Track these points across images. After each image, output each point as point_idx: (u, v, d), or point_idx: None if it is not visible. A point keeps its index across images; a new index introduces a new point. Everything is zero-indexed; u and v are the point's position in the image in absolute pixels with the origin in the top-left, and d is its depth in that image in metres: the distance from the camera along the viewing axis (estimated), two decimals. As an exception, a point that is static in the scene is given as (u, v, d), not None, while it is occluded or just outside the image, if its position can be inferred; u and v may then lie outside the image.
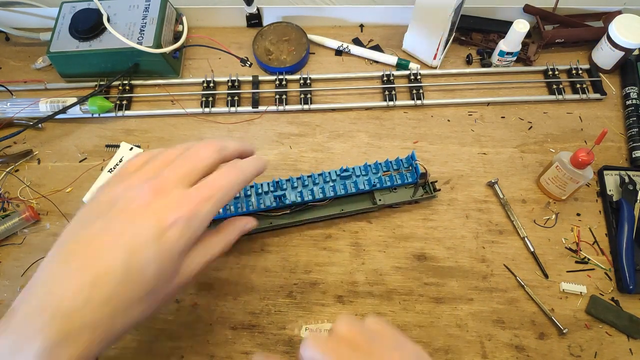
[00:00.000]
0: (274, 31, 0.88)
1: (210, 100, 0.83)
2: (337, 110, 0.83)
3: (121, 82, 0.84)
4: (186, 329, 0.66)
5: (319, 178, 0.71)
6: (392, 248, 0.71)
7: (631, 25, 0.79)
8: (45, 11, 0.89)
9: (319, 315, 0.67)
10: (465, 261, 0.70)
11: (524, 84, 0.86)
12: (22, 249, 0.71)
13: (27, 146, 0.80)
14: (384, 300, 0.68)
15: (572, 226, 0.73)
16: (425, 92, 0.84)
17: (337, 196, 0.70)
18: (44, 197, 0.75)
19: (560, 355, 0.64)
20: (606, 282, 0.69)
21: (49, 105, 0.79)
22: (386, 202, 0.71)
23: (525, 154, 0.78)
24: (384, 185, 0.70)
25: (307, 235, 0.72)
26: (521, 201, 0.75)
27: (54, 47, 0.80)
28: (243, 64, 0.86)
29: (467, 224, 0.73)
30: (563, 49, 0.89)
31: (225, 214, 0.68)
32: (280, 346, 0.65)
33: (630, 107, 0.81)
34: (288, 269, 0.70)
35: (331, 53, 0.90)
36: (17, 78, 0.87)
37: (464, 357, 0.64)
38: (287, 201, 0.69)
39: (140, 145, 0.79)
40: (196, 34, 0.90)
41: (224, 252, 0.53)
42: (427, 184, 0.72)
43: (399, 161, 0.72)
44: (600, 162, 0.77)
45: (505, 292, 0.68)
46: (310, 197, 0.69)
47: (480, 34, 0.89)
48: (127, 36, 0.78)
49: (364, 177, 0.71)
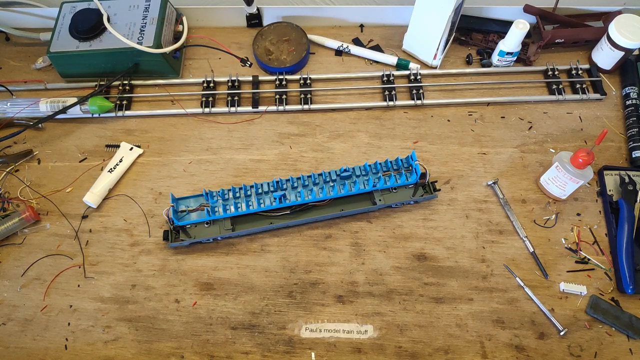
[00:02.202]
0: (274, 31, 0.88)
1: (211, 100, 0.83)
2: (337, 110, 0.83)
3: (121, 82, 0.84)
4: (186, 329, 0.66)
5: (319, 178, 0.71)
6: (392, 248, 0.71)
7: (631, 25, 0.79)
8: (45, 11, 0.89)
9: (319, 315, 0.67)
10: (465, 261, 0.70)
11: (524, 84, 0.86)
12: (22, 249, 0.71)
13: (27, 146, 0.80)
14: (384, 300, 0.68)
15: (572, 226, 0.73)
16: (425, 92, 0.84)
17: (337, 196, 0.70)
18: (44, 197, 0.75)
19: (560, 355, 0.64)
20: (606, 282, 0.69)
21: (49, 105, 0.79)
22: (386, 203, 0.71)
23: (525, 154, 0.78)
24: (384, 185, 0.70)
25: (307, 235, 0.72)
26: (521, 201, 0.75)
27: (54, 47, 0.80)
28: (243, 64, 0.86)
29: (467, 224, 0.73)
30: (563, 49, 0.89)
31: (225, 214, 0.68)
32: (280, 346, 0.65)
33: (630, 107, 0.81)
34: (288, 269, 0.70)
35: (331, 53, 0.90)
36: (17, 78, 0.87)
37: (464, 357, 0.64)
38: (287, 202, 0.69)
39: (140, 145, 0.79)
40: (196, 34, 0.90)
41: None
42: (427, 184, 0.72)
43: (399, 161, 0.72)
44: (600, 162, 0.77)
45: (505, 292, 0.68)
46: (310, 197, 0.69)
47: (480, 34, 0.89)
48: (127, 36, 0.79)
49: (364, 178, 0.71)
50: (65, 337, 0.66)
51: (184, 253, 0.71)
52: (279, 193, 0.69)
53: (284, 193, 0.69)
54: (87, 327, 0.66)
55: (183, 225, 0.69)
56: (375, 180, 0.71)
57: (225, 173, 0.77)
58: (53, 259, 0.70)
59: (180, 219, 0.68)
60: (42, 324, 0.67)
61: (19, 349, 0.65)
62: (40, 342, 0.66)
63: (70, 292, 0.69)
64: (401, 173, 0.71)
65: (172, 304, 0.68)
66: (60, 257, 0.71)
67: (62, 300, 0.68)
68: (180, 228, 0.69)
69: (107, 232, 0.73)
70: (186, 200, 0.71)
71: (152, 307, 0.67)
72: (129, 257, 0.71)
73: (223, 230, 0.69)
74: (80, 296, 0.68)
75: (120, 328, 0.66)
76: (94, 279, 0.69)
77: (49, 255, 0.71)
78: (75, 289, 0.69)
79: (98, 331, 0.66)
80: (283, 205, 0.69)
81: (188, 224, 0.69)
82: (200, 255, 0.71)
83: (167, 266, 0.70)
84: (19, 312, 0.67)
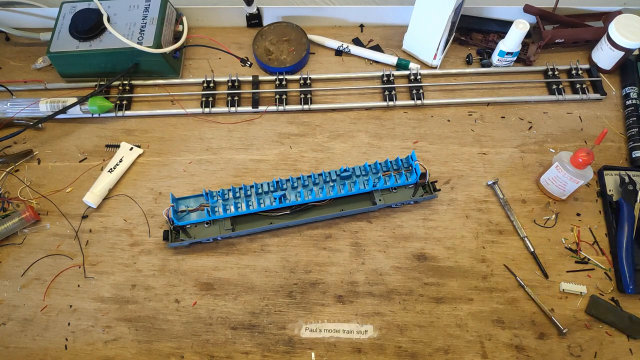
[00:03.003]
0: (274, 31, 0.88)
1: (210, 100, 0.83)
2: (337, 110, 0.83)
3: (121, 82, 0.84)
4: (186, 329, 0.66)
5: (319, 178, 0.71)
6: (392, 248, 0.71)
7: (631, 25, 0.79)
8: (45, 11, 0.89)
9: (319, 315, 0.67)
10: (465, 261, 0.70)
11: (524, 84, 0.86)
12: (22, 249, 0.71)
13: (27, 146, 0.80)
14: (384, 300, 0.68)
15: (572, 226, 0.73)
16: (425, 92, 0.84)
17: (337, 196, 0.70)
18: (44, 197, 0.75)
19: (560, 355, 0.64)
20: (606, 282, 0.69)
21: (49, 105, 0.79)
22: (386, 203, 0.71)
23: (525, 154, 0.78)
24: (384, 186, 0.70)
25: (307, 235, 0.72)
26: (521, 201, 0.75)
27: (54, 47, 0.80)
28: (243, 64, 0.86)
29: (467, 224, 0.73)
30: (563, 49, 0.89)
31: (225, 215, 0.68)
32: (280, 346, 0.65)
33: (630, 107, 0.81)
34: (288, 269, 0.70)
35: (331, 53, 0.90)
36: (17, 78, 0.87)
37: (464, 357, 0.64)
38: (287, 202, 0.69)
39: (140, 145, 0.79)
40: (196, 34, 0.90)
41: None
42: (427, 184, 0.72)
43: (399, 161, 0.72)
44: (600, 162, 0.77)
45: (505, 292, 0.68)
46: (310, 197, 0.69)
47: (480, 34, 0.89)
48: (127, 36, 0.78)
49: (364, 178, 0.71)
50: (65, 337, 0.66)
51: (184, 253, 0.71)
52: (279, 193, 0.69)
53: (284, 193, 0.69)
54: (87, 327, 0.66)
55: (183, 225, 0.69)
56: (375, 180, 0.71)
57: (225, 173, 0.77)
58: (53, 259, 0.70)
59: (180, 219, 0.68)
60: (42, 324, 0.67)
61: (19, 349, 0.65)
62: (40, 342, 0.66)
63: (70, 292, 0.69)
64: (401, 173, 0.71)
65: (172, 304, 0.68)
66: (60, 257, 0.71)
67: (62, 300, 0.68)
68: (180, 228, 0.69)
69: (107, 232, 0.73)
70: (186, 201, 0.71)
71: (152, 307, 0.67)
72: (129, 257, 0.71)
73: (223, 230, 0.69)
74: (80, 296, 0.68)
75: (120, 328, 0.66)
76: (94, 279, 0.69)
77: (49, 255, 0.71)
78: (75, 289, 0.69)
79: (98, 331, 0.66)
80: (283, 205, 0.69)
81: (188, 224, 0.69)
82: (200, 255, 0.71)
83: (167, 266, 0.70)
84: (19, 312, 0.67)
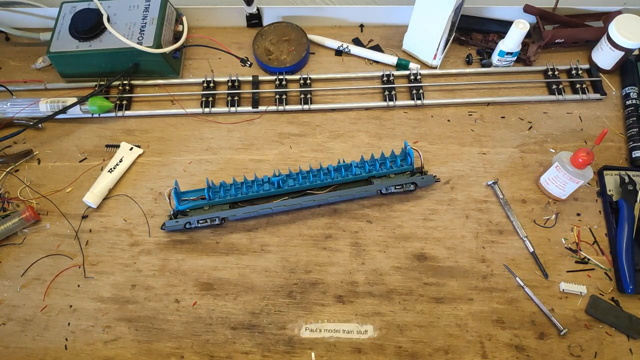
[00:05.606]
0: (274, 31, 0.88)
1: (210, 100, 0.83)
2: (337, 110, 0.83)
3: (121, 82, 0.84)
4: (186, 329, 0.66)
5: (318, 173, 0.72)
6: (392, 248, 0.71)
7: (631, 25, 0.79)
8: (45, 11, 0.89)
9: (319, 315, 0.67)
10: (465, 261, 0.70)
11: (524, 84, 0.86)
12: (22, 249, 0.71)
13: (27, 146, 0.80)
14: (384, 300, 0.68)
15: (572, 226, 0.73)
16: (425, 92, 0.84)
17: (335, 182, 0.71)
18: (44, 197, 0.75)
19: (560, 355, 0.64)
20: (606, 282, 0.69)
21: (49, 105, 0.79)
22: (383, 184, 0.71)
23: (525, 154, 0.78)
24: (380, 171, 0.71)
25: (307, 235, 0.72)
26: (521, 201, 0.75)
27: (54, 47, 0.79)
28: (243, 64, 0.86)
29: (467, 224, 0.73)
30: (563, 49, 0.89)
31: (225, 199, 0.69)
32: (280, 346, 0.65)
33: (630, 107, 0.81)
34: (288, 269, 0.70)
35: (331, 53, 0.90)
36: (17, 78, 0.87)
37: (464, 357, 0.64)
38: (285, 186, 0.70)
39: (140, 145, 0.79)
40: (196, 34, 0.90)
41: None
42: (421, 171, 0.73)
43: (393, 154, 0.73)
44: (600, 162, 0.77)
45: (505, 292, 0.68)
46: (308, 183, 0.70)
47: (480, 34, 0.89)
48: (127, 36, 0.78)
49: (361, 168, 0.72)
50: (65, 337, 0.66)
51: (184, 253, 0.71)
52: (278, 177, 0.70)
53: (283, 177, 0.70)
54: (87, 327, 0.66)
55: (183, 210, 0.70)
56: (371, 167, 0.72)
57: (225, 173, 0.77)
58: (53, 259, 0.70)
59: (181, 204, 0.70)
60: (42, 324, 0.67)
61: (19, 349, 0.65)
62: (40, 342, 0.66)
63: (70, 292, 0.69)
64: (396, 160, 0.72)
65: (172, 304, 0.68)
66: (60, 257, 0.71)
67: (62, 300, 0.68)
68: (180, 213, 0.70)
69: (107, 232, 0.73)
70: (188, 194, 0.72)
71: (152, 307, 0.67)
72: (128, 257, 0.71)
73: (220, 210, 0.70)
74: (80, 296, 0.68)
75: (120, 328, 0.66)
76: (94, 279, 0.69)
77: (49, 255, 0.71)
78: (75, 289, 0.69)
79: (98, 331, 0.66)
80: (282, 190, 0.70)
81: (187, 207, 0.70)
82: (200, 255, 0.71)
83: (167, 266, 0.70)
84: (19, 312, 0.67)
